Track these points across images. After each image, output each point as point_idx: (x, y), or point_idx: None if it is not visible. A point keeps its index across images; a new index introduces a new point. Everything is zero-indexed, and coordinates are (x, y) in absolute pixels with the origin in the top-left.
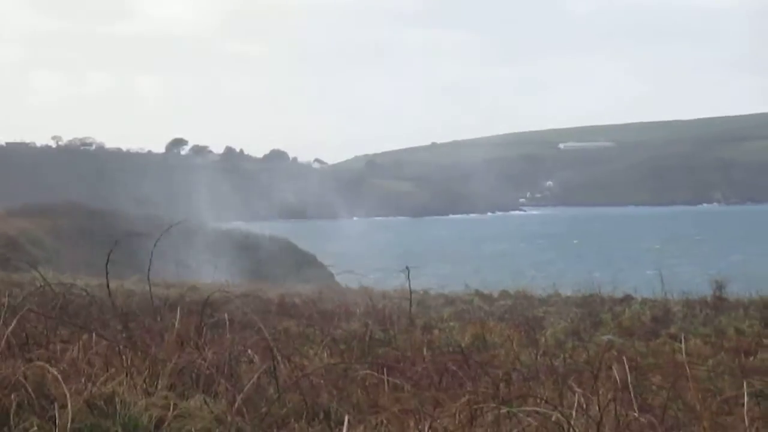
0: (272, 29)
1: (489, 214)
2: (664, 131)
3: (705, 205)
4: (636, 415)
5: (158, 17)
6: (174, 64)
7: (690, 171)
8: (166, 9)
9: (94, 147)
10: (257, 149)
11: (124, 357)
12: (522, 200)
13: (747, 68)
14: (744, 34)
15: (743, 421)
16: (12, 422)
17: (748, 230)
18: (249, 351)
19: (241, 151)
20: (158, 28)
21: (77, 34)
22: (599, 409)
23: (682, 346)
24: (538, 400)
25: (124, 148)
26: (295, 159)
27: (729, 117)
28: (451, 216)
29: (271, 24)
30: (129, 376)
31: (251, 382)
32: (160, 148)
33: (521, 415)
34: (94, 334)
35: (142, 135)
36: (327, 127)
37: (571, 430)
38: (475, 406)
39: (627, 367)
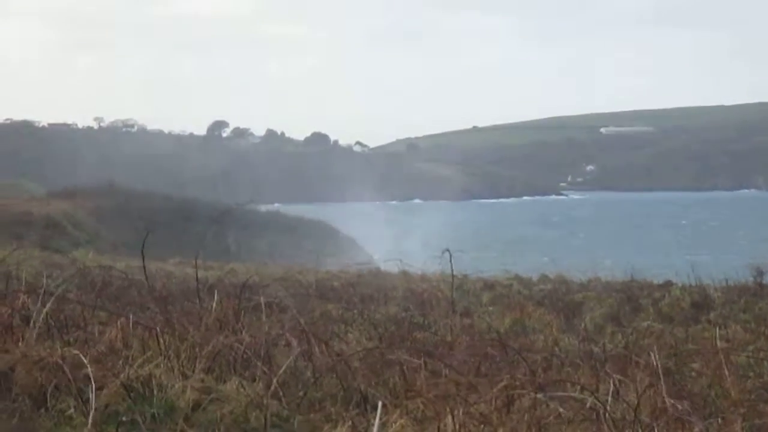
0: (313, 11)
1: (529, 198)
2: (706, 116)
3: (746, 190)
4: (672, 402)
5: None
6: (215, 46)
7: (731, 156)
8: None
9: (135, 129)
10: (299, 132)
11: (161, 340)
12: (563, 184)
13: None
14: None
15: None
16: (49, 403)
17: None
18: (286, 335)
19: (283, 133)
20: (200, 9)
21: (119, 15)
22: (637, 395)
23: (721, 332)
24: (575, 386)
25: (165, 130)
26: (336, 142)
27: None
28: (492, 200)
29: (313, 5)
30: (166, 358)
31: (286, 365)
32: (201, 130)
33: (557, 401)
34: (131, 317)
35: (183, 117)
36: (368, 110)
37: (606, 415)
38: (511, 392)
39: (666, 353)
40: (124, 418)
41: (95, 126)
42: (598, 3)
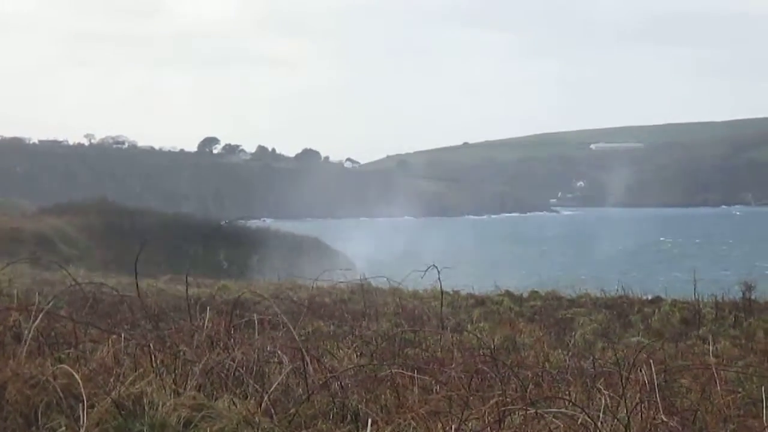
0: (304, 29)
1: (520, 214)
2: (695, 132)
3: (737, 206)
4: (663, 418)
5: (191, 16)
6: (207, 63)
7: (721, 172)
8: (200, 8)
9: (126, 145)
10: (289, 148)
11: (153, 357)
12: (553, 200)
13: None
14: None
15: None
16: (40, 421)
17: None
18: (278, 352)
19: (273, 150)
20: (191, 27)
21: (110, 33)
22: (627, 411)
23: (711, 348)
24: (566, 402)
25: (156, 146)
26: (326, 158)
27: (761, 119)
28: (483, 216)
29: (304, 24)
30: (158, 376)
31: (278, 382)
32: (192, 146)
33: (549, 416)
34: (123, 334)
35: (174, 133)
36: (359, 127)
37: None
38: (503, 408)
39: (656, 369)
40: None
41: (86, 142)
42: (591, 20)
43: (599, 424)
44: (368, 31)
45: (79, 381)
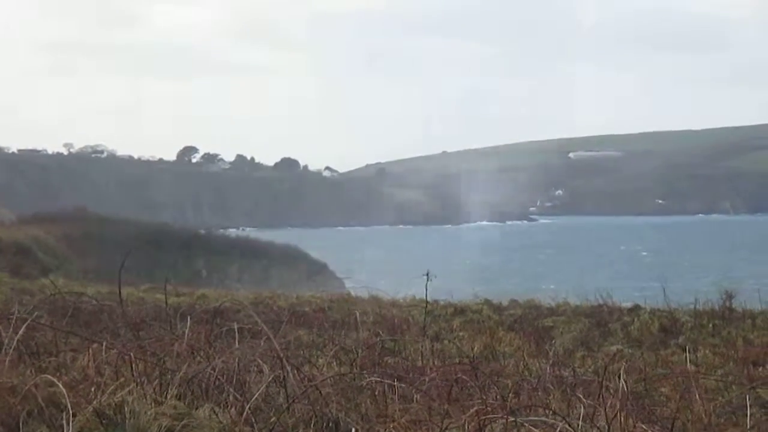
0: (284, 38)
1: (499, 223)
2: (674, 141)
3: (715, 215)
4: (643, 426)
5: (170, 25)
6: (185, 72)
7: (699, 181)
8: (178, 17)
9: (105, 154)
10: (268, 157)
11: (134, 366)
12: (532, 209)
13: (757, 79)
14: (755, 45)
15: None
16: (21, 431)
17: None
18: (259, 360)
19: (252, 158)
20: (170, 36)
21: (88, 43)
22: (606, 420)
23: (690, 356)
24: (546, 411)
25: (135, 155)
26: (306, 167)
27: (739, 127)
28: (462, 225)
29: (283, 32)
30: (139, 385)
31: (260, 392)
32: (171, 155)
33: (529, 425)
34: (104, 343)
35: (153, 142)
36: (338, 136)
37: None
38: (483, 417)
39: (635, 377)
40: None
41: (65, 152)
42: (569, 30)
43: None
44: (348, 41)
45: (63, 390)
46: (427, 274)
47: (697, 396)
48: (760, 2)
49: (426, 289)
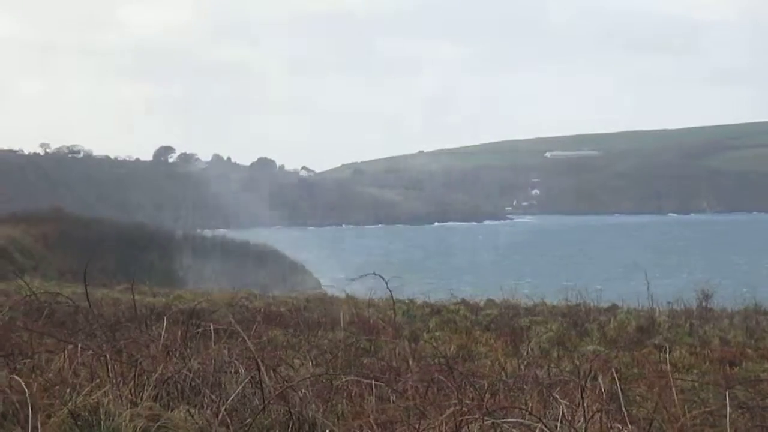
0: (258, 37)
1: (475, 222)
2: (651, 140)
3: (693, 214)
4: (619, 426)
5: (144, 25)
6: (160, 72)
7: (676, 180)
8: (153, 17)
9: (82, 154)
10: (245, 157)
11: (109, 367)
12: (509, 208)
13: (733, 79)
14: (730, 46)
15: None
16: None
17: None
18: (235, 361)
19: (229, 158)
20: (144, 36)
21: (64, 43)
22: (584, 420)
23: (666, 356)
24: (523, 412)
25: (112, 155)
26: (282, 167)
27: (715, 127)
28: (438, 224)
29: (258, 32)
30: (114, 386)
31: (236, 393)
32: (147, 155)
33: (505, 426)
34: (79, 345)
35: (130, 143)
36: (314, 136)
37: None
38: (459, 418)
39: (611, 377)
40: None
41: (41, 152)
42: (544, 30)
43: None
44: (324, 41)
45: (35, 391)
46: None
47: (674, 396)
48: (735, 4)
49: (390, 291)
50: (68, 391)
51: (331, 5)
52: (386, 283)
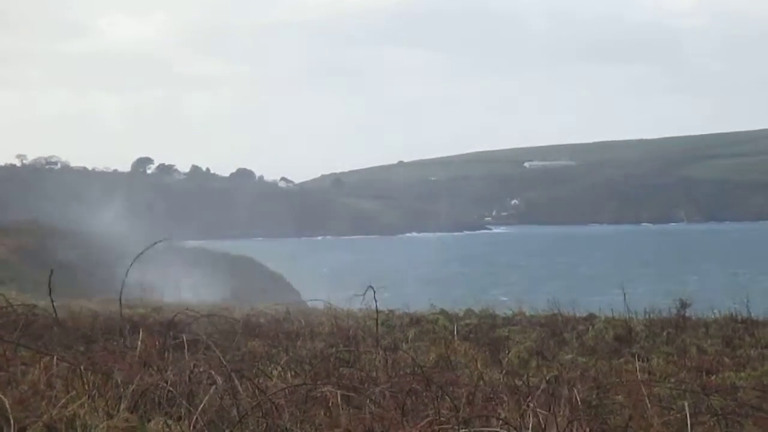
0: (238, 48)
1: (455, 233)
2: (628, 150)
3: (671, 224)
4: None
5: (122, 36)
6: (139, 83)
7: (654, 190)
8: (129, 28)
9: (59, 166)
10: (224, 168)
11: (85, 379)
12: (488, 219)
13: (709, 88)
14: (705, 55)
15: None
16: None
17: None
18: (212, 372)
19: (208, 169)
20: (122, 47)
21: (39, 53)
22: (560, 429)
23: (644, 365)
24: (499, 421)
25: (89, 166)
26: (261, 178)
27: (692, 136)
28: (417, 234)
29: (237, 43)
30: (90, 398)
31: (209, 403)
32: (126, 167)
33: None
34: (55, 356)
35: (107, 154)
36: (294, 146)
37: None
38: (436, 427)
39: (589, 386)
40: None
41: (18, 163)
42: (523, 41)
43: None
44: (303, 51)
45: (10, 405)
46: (372, 288)
47: (649, 404)
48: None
49: (375, 301)
50: (44, 403)
51: (313, 15)
52: (374, 293)
